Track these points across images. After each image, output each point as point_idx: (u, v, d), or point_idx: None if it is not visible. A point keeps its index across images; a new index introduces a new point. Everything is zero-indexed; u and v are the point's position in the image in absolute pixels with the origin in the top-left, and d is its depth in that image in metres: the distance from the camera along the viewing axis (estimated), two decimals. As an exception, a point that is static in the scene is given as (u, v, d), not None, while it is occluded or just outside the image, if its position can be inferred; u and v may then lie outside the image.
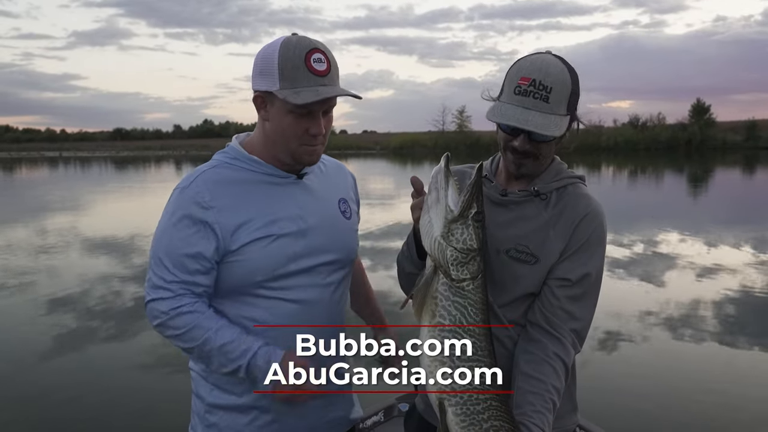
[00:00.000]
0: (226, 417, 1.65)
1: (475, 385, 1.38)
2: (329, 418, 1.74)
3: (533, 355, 1.50)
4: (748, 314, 6.81)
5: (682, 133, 67.64)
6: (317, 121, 1.55)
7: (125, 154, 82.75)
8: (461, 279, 1.38)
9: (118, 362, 5.49)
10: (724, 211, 16.01)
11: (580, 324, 1.54)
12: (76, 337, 6.16)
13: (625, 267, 8.98)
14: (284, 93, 1.50)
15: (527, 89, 1.46)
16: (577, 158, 45.21)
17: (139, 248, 10.93)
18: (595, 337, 5.86)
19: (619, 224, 12.36)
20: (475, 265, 1.38)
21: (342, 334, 1.71)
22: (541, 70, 1.47)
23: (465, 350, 1.38)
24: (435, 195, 1.39)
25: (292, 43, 1.52)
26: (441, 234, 1.37)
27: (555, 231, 1.55)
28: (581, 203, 1.58)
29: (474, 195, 1.37)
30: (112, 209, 18.47)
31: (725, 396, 4.67)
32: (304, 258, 1.62)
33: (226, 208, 1.56)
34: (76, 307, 7.22)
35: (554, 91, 1.46)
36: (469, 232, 1.37)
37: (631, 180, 28.83)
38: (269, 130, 1.60)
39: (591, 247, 1.55)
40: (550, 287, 1.54)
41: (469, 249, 1.37)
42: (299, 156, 1.60)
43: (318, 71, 1.51)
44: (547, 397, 1.45)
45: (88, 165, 51.28)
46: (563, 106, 1.48)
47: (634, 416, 4.27)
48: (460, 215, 1.36)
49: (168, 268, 1.56)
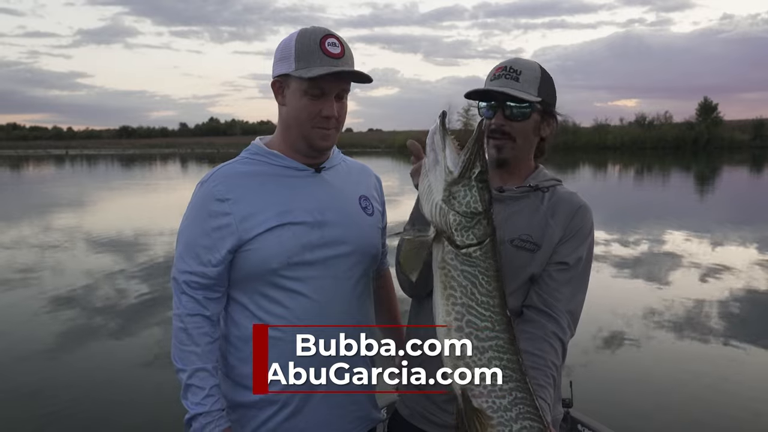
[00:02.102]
0: (246, 414, 1.66)
1: (496, 372, 1.28)
2: (351, 416, 1.74)
3: (531, 333, 1.55)
4: (753, 314, 6.77)
5: (689, 132, 67.22)
6: (330, 103, 1.61)
7: (131, 152, 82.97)
8: (467, 245, 1.28)
9: (122, 359, 5.51)
10: (730, 210, 15.92)
11: (574, 306, 1.62)
12: (80, 334, 6.18)
13: (630, 266, 8.95)
14: (299, 72, 1.57)
15: (500, 74, 1.63)
16: (583, 157, 45.10)
17: (144, 246, 10.96)
18: (599, 335, 5.86)
19: (624, 223, 12.32)
20: (481, 229, 1.28)
21: (363, 333, 1.69)
22: (512, 60, 1.66)
23: (483, 327, 1.28)
24: (433, 157, 1.30)
25: (309, 30, 1.63)
26: (442, 198, 1.27)
27: (554, 220, 1.65)
28: (574, 198, 1.71)
29: (476, 153, 1.28)
30: (117, 207, 18.52)
31: (730, 395, 4.66)
32: (321, 248, 1.63)
33: (240, 200, 1.61)
34: (81, 304, 7.24)
35: (523, 73, 1.62)
36: (472, 193, 1.27)
37: (637, 179, 28.70)
38: (285, 115, 1.66)
39: (584, 235, 1.66)
40: (548, 271, 1.62)
41: (473, 212, 1.27)
42: (312, 139, 1.64)
43: (332, 53, 1.59)
44: (548, 372, 1.49)
45: (94, 163, 51.44)
46: (533, 87, 1.63)
47: (637, 415, 4.26)
48: (461, 176, 1.27)
49: (184, 258, 1.63)
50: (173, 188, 25.32)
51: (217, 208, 1.60)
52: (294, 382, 1.61)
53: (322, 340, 1.60)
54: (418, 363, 1.71)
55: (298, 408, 1.64)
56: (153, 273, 8.80)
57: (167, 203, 19.35)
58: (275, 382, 1.61)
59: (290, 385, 1.61)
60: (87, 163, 51.57)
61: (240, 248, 1.60)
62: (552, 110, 1.69)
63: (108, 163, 49.93)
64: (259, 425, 1.65)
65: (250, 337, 1.64)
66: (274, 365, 1.60)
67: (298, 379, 1.61)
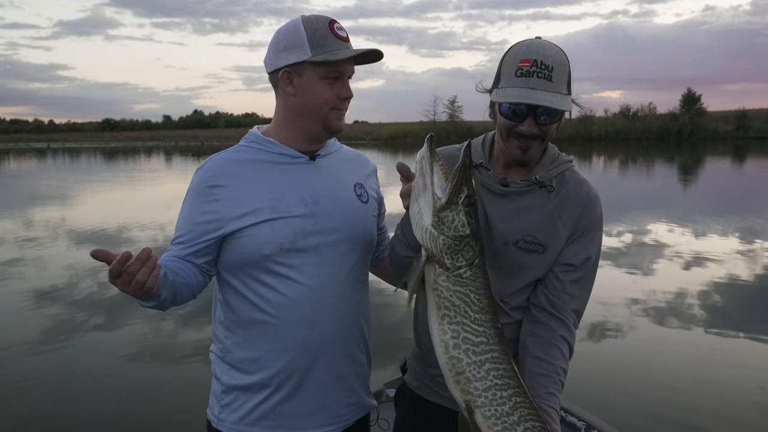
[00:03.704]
0: (241, 396, 1.68)
1: (496, 382, 1.33)
2: (345, 402, 1.75)
3: (541, 338, 1.56)
4: (734, 302, 6.86)
5: (673, 123, 67.81)
6: (346, 85, 1.65)
7: (114, 145, 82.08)
8: (457, 267, 1.32)
9: (106, 353, 5.46)
10: (713, 200, 16.11)
11: (580, 304, 1.63)
12: (63, 329, 6.12)
13: (614, 257, 9.02)
14: (321, 56, 1.58)
15: (530, 70, 1.46)
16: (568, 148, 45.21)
17: (129, 238, 10.87)
18: (582, 325, 5.89)
19: (609, 214, 12.30)
20: (470, 251, 1.32)
21: (357, 319, 1.76)
22: (539, 51, 1.48)
23: (478, 342, 1.33)
24: (422, 182, 1.33)
25: (312, 17, 1.64)
26: (431, 223, 1.31)
27: (561, 220, 1.60)
28: (582, 190, 1.64)
29: (462, 179, 1.30)
30: (101, 200, 18.32)
31: (711, 382, 4.72)
32: (314, 235, 1.64)
33: (233, 186, 1.62)
34: (63, 299, 7.16)
35: (555, 69, 1.47)
36: (460, 218, 1.30)
37: (621, 170, 28.91)
38: (296, 104, 1.65)
39: (592, 232, 1.63)
40: (555, 272, 1.60)
41: (461, 236, 1.31)
42: (330, 121, 1.66)
43: (342, 37, 1.63)
44: (557, 379, 1.51)
45: (76, 156, 50.85)
46: (565, 84, 1.50)
47: (619, 401, 4.30)
48: (448, 202, 1.30)
49: (178, 237, 1.67)
50: (158, 181, 25.10)
51: (207, 194, 1.62)
52: (287, 366, 1.65)
53: (315, 326, 1.64)
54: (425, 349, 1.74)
55: (292, 392, 1.66)
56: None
57: (151, 196, 19.20)
58: (269, 365, 1.65)
59: (284, 369, 1.65)
60: (69, 156, 50.97)
61: (233, 235, 1.62)
62: (572, 100, 1.56)
63: (91, 156, 49.37)
64: (253, 408, 1.67)
65: (245, 321, 1.67)
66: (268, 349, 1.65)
67: (292, 363, 1.65)
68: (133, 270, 1.36)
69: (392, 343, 4.77)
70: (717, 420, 4.14)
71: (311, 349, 1.66)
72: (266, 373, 1.65)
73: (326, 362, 1.68)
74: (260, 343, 1.66)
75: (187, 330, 5.90)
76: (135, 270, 1.36)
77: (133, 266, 1.36)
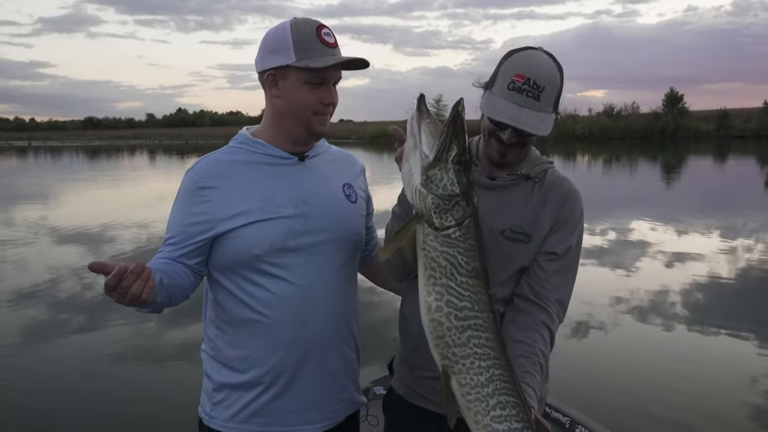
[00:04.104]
0: (231, 394, 1.70)
1: (476, 351, 1.30)
2: (335, 399, 1.77)
3: (522, 323, 1.58)
4: (716, 300, 6.96)
5: (656, 122, 68.48)
6: (330, 91, 1.66)
7: (97, 143, 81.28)
8: (446, 227, 1.29)
9: (89, 354, 5.41)
10: (695, 199, 16.31)
11: (564, 294, 1.66)
12: (45, 330, 6.05)
13: (597, 255, 9.10)
14: (303, 62, 1.59)
15: (521, 86, 1.53)
16: (553, 147, 45.59)
17: (112, 238, 10.77)
18: (566, 323, 5.94)
19: (592, 213, 12.50)
20: (460, 211, 1.29)
21: (346, 318, 1.78)
22: (534, 70, 1.54)
23: (461, 306, 1.29)
24: (412, 141, 1.31)
25: (301, 21, 1.65)
26: (420, 182, 1.28)
27: (545, 211, 1.66)
28: (564, 185, 1.71)
29: (451, 136, 1.27)
30: (83, 199, 18.14)
31: (693, 379, 4.78)
32: (303, 236, 1.66)
33: (223, 188, 1.64)
34: (46, 299, 7.09)
35: (545, 91, 1.54)
36: (449, 176, 1.27)
37: (605, 169, 29.17)
38: (281, 106, 1.67)
39: (573, 224, 1.69)
40: (538, 261, 1.65)
41: (450, 194, 1.27)
42: (312, 126, 1.67)
43: (329, 43, 1.63)
44: (536, 360, 1.52)
45: (58, 154, 50.27)
46: (551, 104, 1.58)
47: (604, 399, 4.34)
48: (436, 159, 1.27)
49: (169, 238, 1.68)
50: (141, 180, 24.90)
51: (198, 195, 1.64)
52: (278, 364, 1.67)
53: (306, 324, 1.67)
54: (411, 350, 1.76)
55: (283, 390, 1.68)
56: (121, 266, 8.64)
57: (135, 195, 19.03)
58: (260, 363, 1.67)
59: (274, 367, 1.66)
60: (51, 154, 50.38)
61: (223, 236, 1.63)
62: (558, 112, 1.63)
63: (73, 155, 48.84)
64: (245, 405, 1.69)
65: (236, 320, 1.68)
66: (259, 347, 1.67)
67: (283, 362, 1.67)
68: (128, 284, 1.37)
69: (379, 341, 4.77)
70: (699, 416, 4.20)
71: (302, 348, 1.68)
72: (257, 371, 1.67)
73: (316, 360, 1.70)
74: (251, 342, 1.67)
75: (171, 329, 5.86)
76: (130, 284, 1.37)
77: (128, 280, 1.37)
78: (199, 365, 1.80)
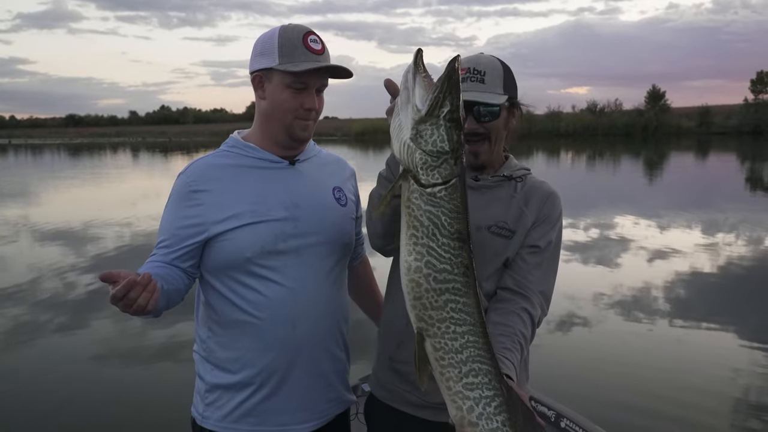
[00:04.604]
0: (224, 395, 1.74)
1: (452, 315, 1.28)
2: (326, 398, 1.81)
3: (502, 309, 1.63)
4: (697, 295, 7.05)
5: (639, 119, 69.10)
6: (312, 96, 1.70)
7: (79, 141, 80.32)
8: (432, 184, 1.26)
9: (72, 355, 5.36)
10: (677, 195, 16.49)
11: (546, 286, 1.72)
12: (26, 330, 5.98)
13: (581, 251, 9.18)
14: (284, 66, 1.64)
15: (464, 77, 1.65)
16: (537, 144, 45.86)
17: (93, 237, 10.66)
18: (549, 319, 5.99)
19: (576, 209, 12.61)
20: (447, 168, 1.26)
21: (337, 318, 1.82)
22: (473, 61, 1.70)
23: (441, 269, 1.27)
24: (405, 95, 1.29)
25: (290, 27, 1.70)
26: (410, 136, 1.26)
27: (528, 208, 1.74)
28: (544, 186, 1.80)
29: (445, 92, 1.25)
30: (65, 197, 17.93)
31: (675, 372, 4.85)
32: (294, 238, 1.70)
33: (215, 191, 1.68)
34: (27, 299, 7.00)
35: (488, 73, 1.68)
36: (440, 132, 1.25)
37: (589, 165, 29.38)
38: (265, 108, 1.72)
39: (554, 221, 1.76)
40: (521, 254, 1.71)
41: (440, 151, 1.25)
42: (293, 130, 1.71)
43: (314, 49, 1.68)
44: (516, 339, 1.54)
45: (39, 152, 49.61)
46: (499, 86, 1.69)
47: (589, 392, 4.38)
48: (428, 114, 1.25)
49: (162, 241, 1.70)
50: (124, 178, 24.67)
51: (190, 198, 1.67)
52: (269, 365, 1.70)
53: (296, 325, 1.70)
54: (395, 346, 1.77)
55: (274, 390, 1.71)
56: (103, 265, 8.57)
57: (118, 194, 18.85)
58: (252, 364, 1.70)
59: (266, 368, 1.70)
60: (32, 152, 49.69)
61: (214, 239, 1.67)
62: (516, 102, 1.75)
63: (54, 153, 48.22)
64: (237, 406, 1.72)
65: (228, 322, 1.71)
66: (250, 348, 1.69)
67: (274, 362, 1.70)
68: (135, 296, 1.39)
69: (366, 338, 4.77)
70: (680, 407, 4.26)
71: (292, 348, 1.71)
72: (249, 371, 1.70)
73: (307, 361, 1.73)
74: (242, 343, 1.70)
75: (154, 329, 5.83)
76: (137, 295, 1.39)
77: (135, 292, 1.39)
78: (188, 364, 1.82)
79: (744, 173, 23.92)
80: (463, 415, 1.28)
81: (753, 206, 13.98)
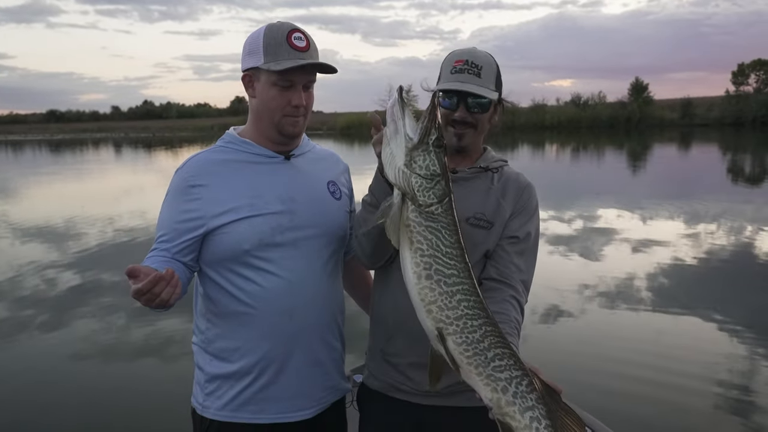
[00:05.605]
0: (224, 384, 1.78)
1: (467, 312, 1.41)
2: (322, 386, 1.86)
3: (493, 299, 1.68)
4: (680, 284, 7.16)
5: (622, 111, 69.52)
6: (298, 93, 1.73)
7: (60, 137, 79.31)
8: (429, 203, 1.42)
9: (54, 353, 5.35)
10: (660, 186, 16.67)
11: (526, 276, 1.79)
12: (6, 327, 5.96)
13: (565, 242, 9.27)
14: (268, 65, 1.68)
15: (462, 68, 1.75)
16: (522, 136, 46.04)
17: (75, 234, 10.58)
18: (535, 310, 6.05)
19: (560, 201, 12.71)
20: (440, 188, 1.43)
21: (333, 308, 1.87)
22: (471, 54, 1.78)
23: (449, 274, 1.42)
24: (393, 126, 1.43)
25: (276, 25, 1.74)
26: (404, 162, 1.42)
27: (505, 200, 1.81)
28: (520, 177, 1.88)
29: (432, 121, 1.42)
30: (47, 194, 17.75)
31: (658, 358, 4.94)
32: (290, 231, 1.75)
33: (213, 186, 1.72)
34: (7, 297, 6.97)
35: (484, 69, 1.76)
36: (431, 157, 1.41)
37: (573, 157, 29.59)
38: (256, 106, 1.78)
39: (531, 211, 1.84)
40: (501, 245, 1.78)
41: (433, 174, 1.42)
42: (283, 127, 1.76)
43: (299, 47, 1.71)
44: (513, 325, 1.63)
45: (20, 148, 48.96)
46: (492, 82, 1.78)
47: (575, 380, 4.44)
48: (420, 142, 1.41)
49: (161, 236, 1.73)
50: (107, 174, 24.44)
51: (188, 193, 1.71)
52: (267, 355, 1.75)
53: (293, 316, 1.75)
54: (385, 340, 1.83)
55: (272, 379, 1.76)
56: (85, 262, 8.51)
57: (100, 189, 18.68)
58: (250, 354, 1.75)
59: (264, 357, 1.75)
60: (12, 149, 49.02)
61: (212, 232, 1.71)
62: (502, 99, 1.84)
63: (35, 149, 47.62)
64: (236, 395, 1.76)
65: (226, 313, 1.76)
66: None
67: (271, 352, 1.75)
68: (159, 290, 1.42)
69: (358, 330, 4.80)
70: (664, 391, 4.36)
71: (290, 338, 1.75)
72: (247, 361, 1.75)
73: (304, 350, 1.78)
74: (241, 333, 1.75)
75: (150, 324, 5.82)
76: (161, 290, 1.42)
77: (160, 287, 1.42)
78: (187, 356, 1.84)
79: (725, 164, 24.23)
80: (499, 397, 1.38)
81: (734, 197, 14.18)
